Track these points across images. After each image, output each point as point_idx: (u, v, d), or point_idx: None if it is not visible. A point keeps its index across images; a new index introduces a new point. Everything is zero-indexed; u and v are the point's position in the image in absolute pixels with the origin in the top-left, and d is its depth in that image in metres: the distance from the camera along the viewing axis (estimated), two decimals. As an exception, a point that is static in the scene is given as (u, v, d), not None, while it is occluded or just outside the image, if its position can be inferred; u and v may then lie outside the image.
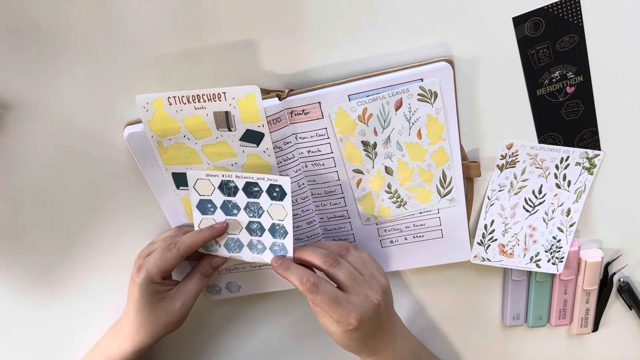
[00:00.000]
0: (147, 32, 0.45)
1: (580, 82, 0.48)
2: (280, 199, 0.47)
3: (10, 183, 0.50)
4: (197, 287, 0.51)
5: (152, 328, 0.50)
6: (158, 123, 0.45)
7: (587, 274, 0.56)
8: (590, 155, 0.51)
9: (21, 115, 0.47)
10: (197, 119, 0.45)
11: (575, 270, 0.56)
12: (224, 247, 0.50)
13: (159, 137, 0.46)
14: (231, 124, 0.45)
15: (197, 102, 0.44)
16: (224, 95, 0.44)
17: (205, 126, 0.46)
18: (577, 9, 0.45)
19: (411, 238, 0.54)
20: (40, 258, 0.54)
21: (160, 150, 0.47)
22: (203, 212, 0.49)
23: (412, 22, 0.45)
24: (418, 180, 0.50)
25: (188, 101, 0.44)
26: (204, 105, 0.44)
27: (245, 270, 0.56)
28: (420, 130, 0.48)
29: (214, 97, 0.44)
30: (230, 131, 0.46)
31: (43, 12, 0.43)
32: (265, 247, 0.49)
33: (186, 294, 0.50)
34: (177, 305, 0.50)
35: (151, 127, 0.46)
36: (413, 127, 0.47)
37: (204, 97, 0.44)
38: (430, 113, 0.47)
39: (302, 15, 0.45)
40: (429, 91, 0.46)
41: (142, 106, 0.44)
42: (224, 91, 0.44)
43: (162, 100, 0.44)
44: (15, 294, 0.57)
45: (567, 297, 0.58)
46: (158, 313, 0.49)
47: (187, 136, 0.46)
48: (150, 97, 0.44)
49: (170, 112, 0.45)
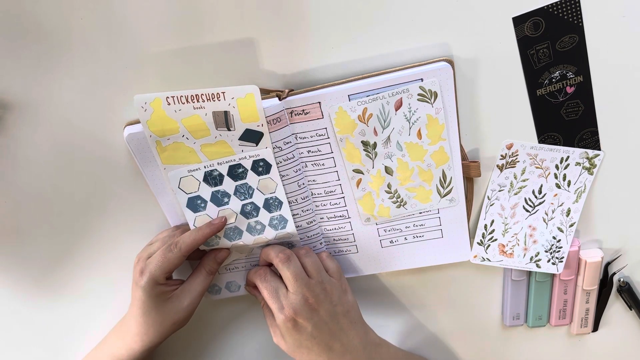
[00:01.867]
0: (147, 32, 0.45)
1: (580, 82, 0.48)
2: (266, 172, 0.47)
3: (10, 183, 0.50)
4: (203, 284, 0.51)
5: (160, 328, 0.50)
6: (156, 123, 0.45)
7: (587, 274, 0.56)
8: (590, 155, 0.51)
9: (21, 115, 0.47)
10: (196, 119, 0.45)
11: (575, 270, 0.56)
12: (225, 238, 0.50)
13: (158, 137, 0.46)
14: (230, 123, 0.45)
15: (196, 101, 0.44)
16: (223, 95, 0.44)
17: (204, 126, 0.46)
18: (577, 9, 0.45)
19: (411, 238, 0.54)
20: (40, 258, 0.54)
21: (159, 149, 0.47)
22: (195, 210, 0.49)
23: (412, 22, 0.45)
24: (418, 180, 0.50)
25: (187, 101, 0.44)
26: (202, 105, 0.44)
27: (245, 269, 0.56)
28: (420, 130, 0.48)
29: (213, 97, 0.44)
30: (230, 131, 0.46)
31: (43, 12, 0.43)
32: (264, 226, 0.49)
33: (192, 293, 0.50)
34: (185, 304, 0.50)
35: (149, 127, 0.45)
36: (413, 127, 0.47)
37: (202, 96, 0.44)
38: (430, 113, 0.47)
39: (302, 15, 0.45)
40: (429, 91, 0.46)
41: (141, 106, 0.44)
42: (223, 91, 0.44)
43: (160, 100, 0.44)
44: (15, 294, 0.57)
45: (567, 297, 0.58)
46: (165, 313, 0.49)
47: (186, 136, 0.46)
48: (148, 97, 0.44)
49: (169, 111, 0.45)
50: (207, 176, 0.47)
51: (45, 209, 0.52)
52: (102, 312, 0.58)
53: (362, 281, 0.58)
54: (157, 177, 0.49)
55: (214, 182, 0.48)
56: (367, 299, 0.59)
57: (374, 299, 0.59)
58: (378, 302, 0.59)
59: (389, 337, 0.61)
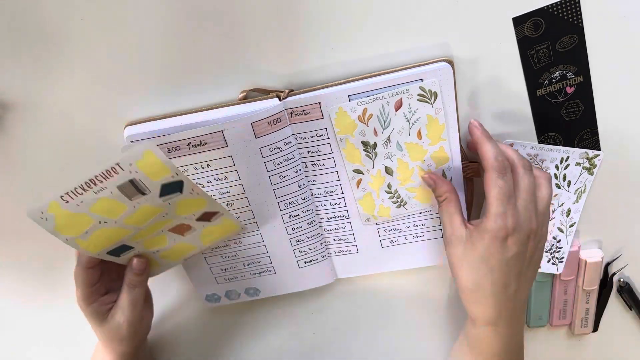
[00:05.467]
0: (147, 32, 0.45)
1: (580, 82, 0.48)
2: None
3: (10, 183, 0.50)
4: (129, 298, 0.48)
5: (112, 345, 0.50)
6: (66, 225, 0.41)
7: (587, 274, 0.56)
8: (590, 156, 0.51)
9: (21, 115, 0.47)
10: (104, 202, 0.41)
11: (576, 271, 0.56)
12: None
13: (74, 236, 0.42)
14: (142, 188, 0.41)
15: (94, 185, 0.40)
16: (119, 166, 0.39)
17: (116, 203, 0.41)
18: (577, 9, 0.45)
19: (411, 238, 0.54)
20: (40, 258, 0.54)
21: (83, 245, 0.43)
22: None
23: (412, 22, 0.45)
24: (418, 181, 0.50)
25: (84, 189, 0.40)
26: (103, 186, 0.40)
27: (245, 278, 0.55)
28: (420, 131, 0.48)
29: (108, 174, 0.39)
30: (145, 195, 0.41)
31: (43, 12, 0.43)
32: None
33: (123, 308, 0.48)
34: (120, 321, 0.48)
35: (61, 232, 0.42)
36: (413, 127, 0.47)
37: (97, 179, 0.39)
38: (430, 113, 0.47)
39: (302, 15, 0.45)
40: (429, 91, 0.46)
41: (39, 217, 0.40)
42: (116, 163, 0.39)
43: (57, 203, 0.40)
44: (15, 294, 0.57)
45: (567, 297, 0.58)
46: (109, 332, 0.49)
47: (103, 221, 0.42)
48: (42, 205, 0.40)
49: (72, 208, 0.40)
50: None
51: (45, 209, 0.52)
52: (102, 312, 0.58)
53: (362, 281, 0.58)
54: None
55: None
56: (367, 299, 0.59)
57: (374, 299, 0.59)
58: (378, 302, 0.59)
59: (389, 337, 0.61)
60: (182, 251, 0.51)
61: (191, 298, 0.59)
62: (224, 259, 0.55)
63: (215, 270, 0.55)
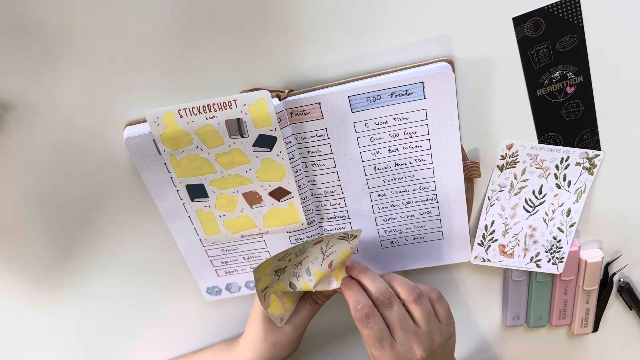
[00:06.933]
0: (147, 32, 0.45)
1: (580, 82, 0.48)
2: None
3: (10, 183, 0.50)
4: (309, 313, 0.53)
5: (262, 347, 0.52)
6: (170, 136, 0.45)
7: (587, 274, 0.56)
8: (590, 156, 0.51)
9: (21, 115, 0.47)
10: (209, 129, 0.45)
11: (576, 271, 0.56)
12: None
13: (172, 151, 0.46)
14: (243, 130, 0.45)
15: (208, 112, 0.44)
16: (235, 102, 0.44)
17: (218, 135, 0.46)
18: (577, 9, 0.45)
19: (412, 239, 0.54)
20: (39, 258, 0.54)
21: (174, 163, 0.47)
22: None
23: (412, 22, 0.45)
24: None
25: (199, 112, 0.44)
26: (215, 115, 0.44)
27: (245, 271, 0.56)
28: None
29: (224, 106, 0.44)
30: (243, 137, 0.46)
31: (43, 12, 0.43)
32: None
33: (301, 319, 0.52)
34: (290, 329, 0.52)
35: (163, 141, 0.46)
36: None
37: (214, 106, 0.44)
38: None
39: (302, 15, 0.45)
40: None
41: (153, 121, 0.44)
42: (234, 99, 0.44)
43: (172, 113, 0.44)
44: (15, 294, 0.57)
45: (567, 297, 0.58)
46: (275, 333, 0.51)
47: (200, 147, 0.46)
48: (160, 111, 0.44)
49: (182, 124, 0.45)
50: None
51: (45, 209, 0.52)
52: (102, 312, 0.58)
53: (362, 281, 0.58)
54: (156, 181, 0.49)
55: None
56: (367, 299, 0.59)
57: (374, 299, 0.59)
58: (378, 302, 0.59)
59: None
60: (244, 225, 0.52)
61: (191, 290, 0.58)
62: (225, 252, 0.55)
63: (216, 263, 0.55)
